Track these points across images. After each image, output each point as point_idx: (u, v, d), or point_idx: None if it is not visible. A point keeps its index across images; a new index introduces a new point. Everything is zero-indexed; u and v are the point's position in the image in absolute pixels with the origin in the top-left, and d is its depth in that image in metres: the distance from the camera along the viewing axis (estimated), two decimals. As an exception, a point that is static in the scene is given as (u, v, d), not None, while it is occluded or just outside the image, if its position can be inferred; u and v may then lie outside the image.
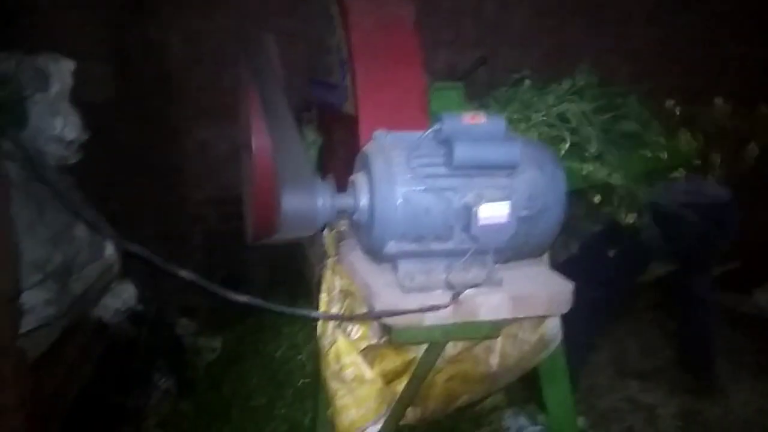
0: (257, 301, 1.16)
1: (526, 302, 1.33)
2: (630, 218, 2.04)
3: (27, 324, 1.69)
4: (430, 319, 1.27)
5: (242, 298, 1.14)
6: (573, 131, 1.98)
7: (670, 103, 2.26)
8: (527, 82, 2.28)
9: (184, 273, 1.06)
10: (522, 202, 1.25)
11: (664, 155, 2.05)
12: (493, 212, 1.21)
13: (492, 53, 3.23)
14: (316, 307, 1.71)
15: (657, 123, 2.13)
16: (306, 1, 2.72)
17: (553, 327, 1.57)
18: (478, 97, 2.34)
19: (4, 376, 1.60)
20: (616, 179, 1.94)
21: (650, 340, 3.30)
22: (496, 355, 1.56)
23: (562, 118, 2.03)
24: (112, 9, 2.45)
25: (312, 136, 2.36)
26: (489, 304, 1.29)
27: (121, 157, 2.74)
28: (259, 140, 2.16)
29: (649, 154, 2.03)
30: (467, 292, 1.27)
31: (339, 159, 2.12)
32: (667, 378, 2.97)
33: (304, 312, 1.47)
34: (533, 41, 3.52)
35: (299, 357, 2.67)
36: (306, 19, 2.65)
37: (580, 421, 2.34)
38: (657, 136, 2.09)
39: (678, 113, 2.26)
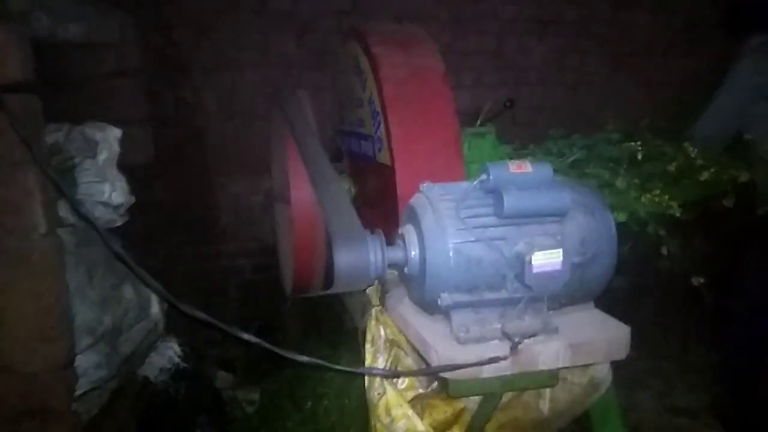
0: (318, 362, 1.17)
1: (585, 349, 1.31)
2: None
3: (79, 387, 1.70)
4: (488, 370, 1.26)
5: (304, 359, 1.14)
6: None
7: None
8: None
9: (247, 336, 1.07)
10: (574, 248, 1.25)
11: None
12: (547, 260, 1.21)
13: (514, 94, 3.29)
14: (360, 357, 1.70)
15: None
16: (333, 56, 2.81)
17: (603, 368, 1.54)
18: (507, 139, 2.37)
19: (59, 443, 1.62)
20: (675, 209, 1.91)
21: (698, 377, 3.20)
22: (546, 400, 1.53)
23: None
24: (147, 74, 2.55)
25: (345, 185, 2.40)
26: (547, 353, 1.28)
27: (157, 214, 2.81)
28: (298, 192, 2.20)
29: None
30: (524, 341, 1.26)
31: (373, 208, 2.15)
32: (718, 416, 2.87)
33: (365, 371, 1.46)
34: (554, 80, 3.57)
35: (340, 410, 2.64)
36: (333, 73, 2.74)
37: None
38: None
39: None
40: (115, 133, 1.91)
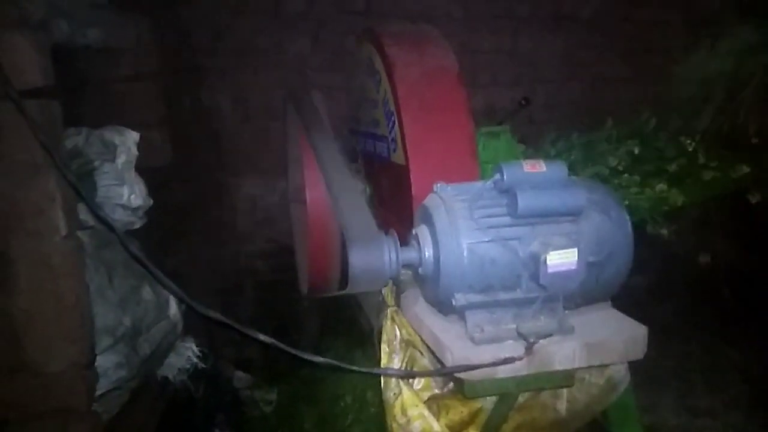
0: (335, 363, 1.17)
1: (601, 349, 1.30)
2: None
3: (100, 388, 1.72)
4: (503, 371, 1.26)
5: (320, 360, 1.15)
6: None
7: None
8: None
9: (263, 337, 1.08)
10: (590, 247, 1.24)
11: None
12: (562, 260, 1.20)
13: (529, 92, 3.27)
14: (376, 357, 1.71)
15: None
16: (347, 57, 2.82)
17: (621, 368, 1.52)
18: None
19: (80, 442, 1.64)
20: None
21: (719, 376, 3.15)
22: (563, 400, 1.52)
23: None
24: (164, 78, 2.58)
25: (360, 186, 2.41)
26: (563, 353, 1.27)
27: (175, 216, 2.84)
28: (313, 193, 2.22)
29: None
30: (540, 341, 1.25)
31: (388, 208, 2.16)
32: (738, 416, 2.83)
33: (381, 371, 1.47)
34: (570, 77, 3.54)
35: (357, 411, 2.66)
36: (348, 74, 2.75)
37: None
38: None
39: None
40: (134, 136, 1.93)
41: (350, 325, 2.97)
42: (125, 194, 1.87)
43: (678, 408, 2.91)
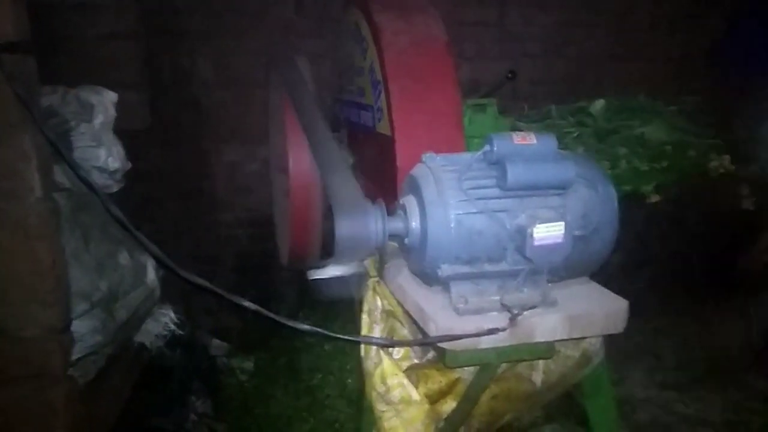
0: (319, 330, 1.17)
1: (583, 322, 1.32)
2: None
3: (76, 353, 1.70)
4: (485, 341, 1.27)
5: (305, 327, 1.14)
6: None
7: None
8: None
9: (247, 303, 1.07)
10: (576, 221, 1.25)
11: None
12: (548, 233, 1.21)
13: (515, 66, 3.25)
14: (355, 328, 1.71)
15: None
16: (333, 22, 2.76)
17: (596, 342, 1.55)
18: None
19: (56, 406, 1.62)
20: None
21: (686, 350, 3.24)
22: (539, 372, 1.55)
23: None
24: (145, 38, 2.50)
25: (343, 155, 2.38)
26: (545, 325, 1.29)
27: (153, 181, 2.78)
28: (296, 161, 2.19)
29: None
30: (523, 313, 1.26)
31: (371, 179, 2.14)
32: (706, 388, 2.92)
33: (364, 340, 1.46)
34: (557, 53, 3.52)
35: (335, 384, 2.69)
36: (333, 40, 2.69)
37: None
38: None
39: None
40: (111, 96, 1.87)
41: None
42: (102, 156, 1.82)
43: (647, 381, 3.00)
